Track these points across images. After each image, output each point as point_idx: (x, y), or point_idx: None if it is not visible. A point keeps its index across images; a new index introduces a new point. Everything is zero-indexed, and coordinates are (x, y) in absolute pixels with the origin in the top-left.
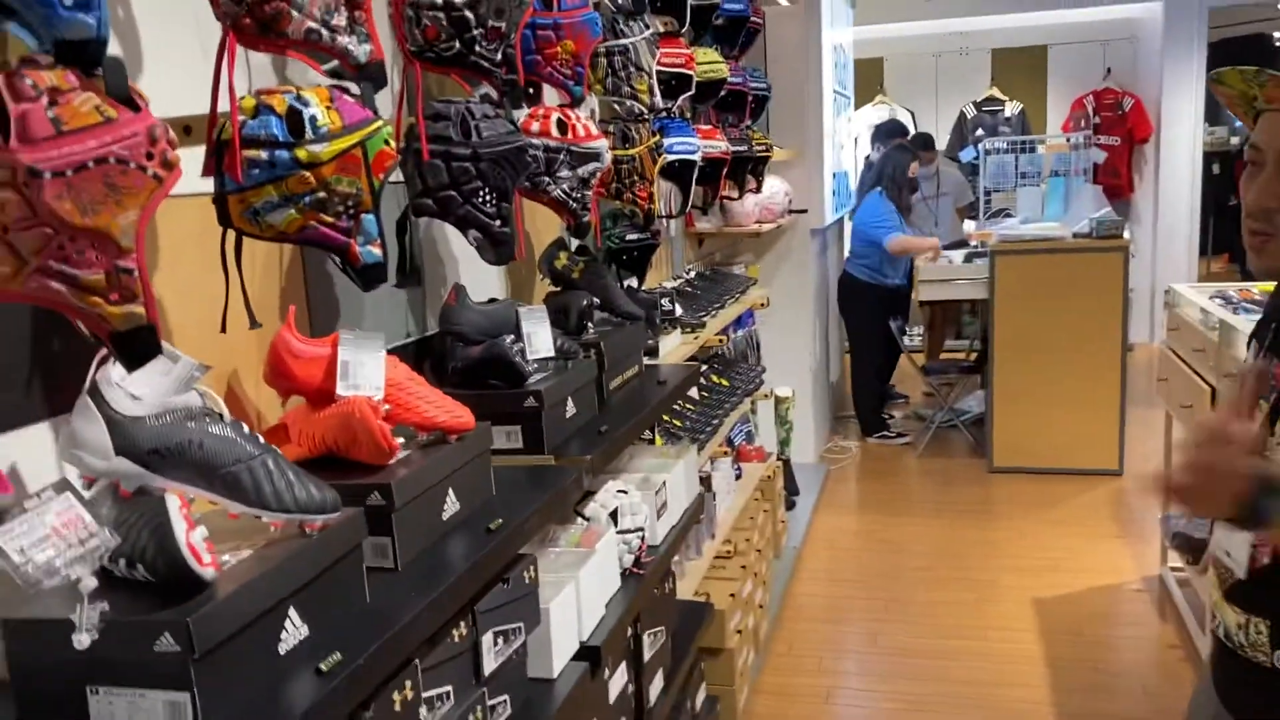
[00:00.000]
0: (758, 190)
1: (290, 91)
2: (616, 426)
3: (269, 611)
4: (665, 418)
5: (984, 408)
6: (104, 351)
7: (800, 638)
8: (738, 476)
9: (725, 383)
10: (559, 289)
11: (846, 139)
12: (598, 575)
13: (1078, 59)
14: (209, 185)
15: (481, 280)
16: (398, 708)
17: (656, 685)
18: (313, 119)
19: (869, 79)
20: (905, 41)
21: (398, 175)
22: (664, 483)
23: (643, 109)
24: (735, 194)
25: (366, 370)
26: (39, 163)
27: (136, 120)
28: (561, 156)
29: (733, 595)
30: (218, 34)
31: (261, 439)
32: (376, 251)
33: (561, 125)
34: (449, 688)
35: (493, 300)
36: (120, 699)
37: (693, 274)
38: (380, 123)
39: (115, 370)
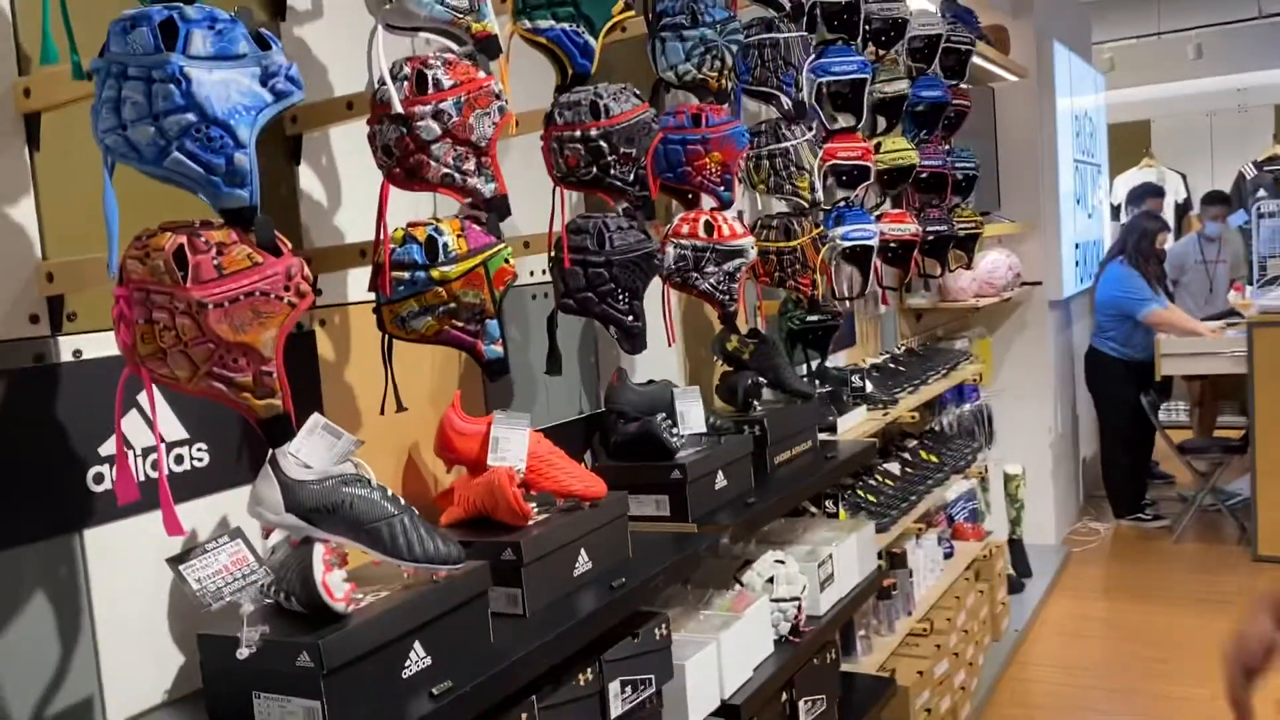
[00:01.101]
0: (968, 266)
1: (431, 223)
2: (770, 499)
3: (395, 641)
4: (860, 492)
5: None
6: None
7: None
8: (948, 555)
9: (934, 459)
10: (731, 369)
11: (1100, 206)
12: (744, 639)
13: None
14: None
15: (660, 362)
16: None
17: None
18: (445, 245)
19: (1135, 142)
20: (1174, 102)
21: (548, 278)
22: (829, 555)
23: (804, 204)
24: (937, 271)
25: (513, 445)
26: (205, 297)
27: (278, 263)
28: (707, 254)
29: (920, 673)
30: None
31: (402, 501)
32: (498, 349)
33: (708, 227)
34: None
35: (650, 381)
36: (274, 703)
37: (903, 350)
38: (501, 246)
39: (295, 442)
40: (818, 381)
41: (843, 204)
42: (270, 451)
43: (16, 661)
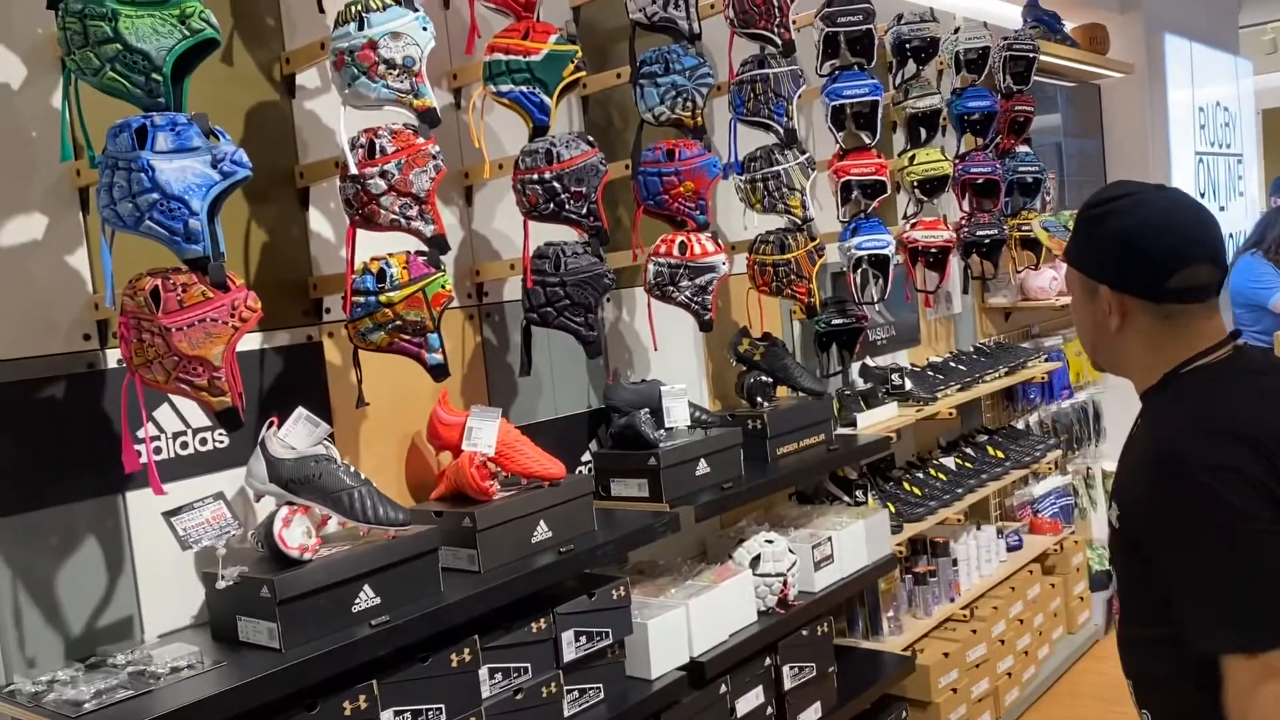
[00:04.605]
0: (1036, 267)
1: (384, 258)
2: (751, 484)
3: (344, 583)
4: (907, 485)
5: None
6: (273, 418)
7: (1063, 712)
8: (1014, 547)
9: (999, 454)
10: (744, 370)
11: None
12: (717, 607)
13: None
14: None
15: (684, 363)
16: (454, 665)
17: (810, 716)
18: (391, 275)
19: None
20: None
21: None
22: (828, 538)
23: (797, 221)
24: (991, 273)
25: (484, 434)
26: (169, 324)
27: (226, 297)
28: (681, 271)
29: (946, 655)
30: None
31: (362, 475)
32: (439, 356)
33: (682, 246)
34: (527, 664)
35: (643, 380)
36: (249, 624)
37: (973, 349)
38: (438, 274)
39: (283, 429)
40: (861, 379)
41: (862, 216)
42: (261, 435)
43: (75, 587)
